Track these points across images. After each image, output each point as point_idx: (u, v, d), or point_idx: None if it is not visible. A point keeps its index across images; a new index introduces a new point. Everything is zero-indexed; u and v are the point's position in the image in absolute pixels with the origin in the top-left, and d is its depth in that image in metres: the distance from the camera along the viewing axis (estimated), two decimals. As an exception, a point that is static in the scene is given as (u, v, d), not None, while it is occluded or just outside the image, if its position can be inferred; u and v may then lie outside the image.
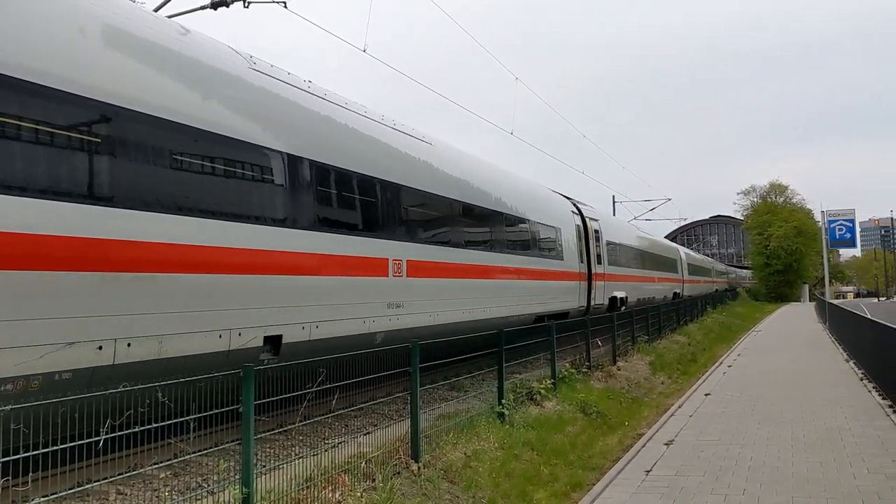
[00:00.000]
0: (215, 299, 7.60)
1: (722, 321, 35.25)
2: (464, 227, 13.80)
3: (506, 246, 15.65)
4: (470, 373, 11.94)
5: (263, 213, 8.50)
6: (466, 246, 13.64)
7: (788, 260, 74.05)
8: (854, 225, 58.34)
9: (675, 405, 12.46)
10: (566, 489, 7.98)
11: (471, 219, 14.15)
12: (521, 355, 12.34)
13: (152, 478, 6.54)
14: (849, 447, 8.85)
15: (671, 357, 20.12)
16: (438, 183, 12.93)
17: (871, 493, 6.91)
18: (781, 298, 73.09)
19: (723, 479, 7.57)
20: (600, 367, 15.21)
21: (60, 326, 6.00)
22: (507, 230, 15.98)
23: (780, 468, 7.95)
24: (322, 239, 9.38)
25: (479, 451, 8.21)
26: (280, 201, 8.82)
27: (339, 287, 9.70)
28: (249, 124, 8.50)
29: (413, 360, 7.79)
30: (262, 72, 9.27)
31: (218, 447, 6.13)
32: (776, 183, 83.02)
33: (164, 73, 7.57)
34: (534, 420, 10.09)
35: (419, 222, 12.27)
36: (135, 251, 6.75)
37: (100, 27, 6.91)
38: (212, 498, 5.53)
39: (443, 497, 6.93)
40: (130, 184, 6.85)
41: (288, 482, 5.90)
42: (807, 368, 17.01)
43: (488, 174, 16.17)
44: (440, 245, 12.61)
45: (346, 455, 6.87)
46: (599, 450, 9.89)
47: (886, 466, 7.88)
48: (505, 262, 15.37)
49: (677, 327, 26.92)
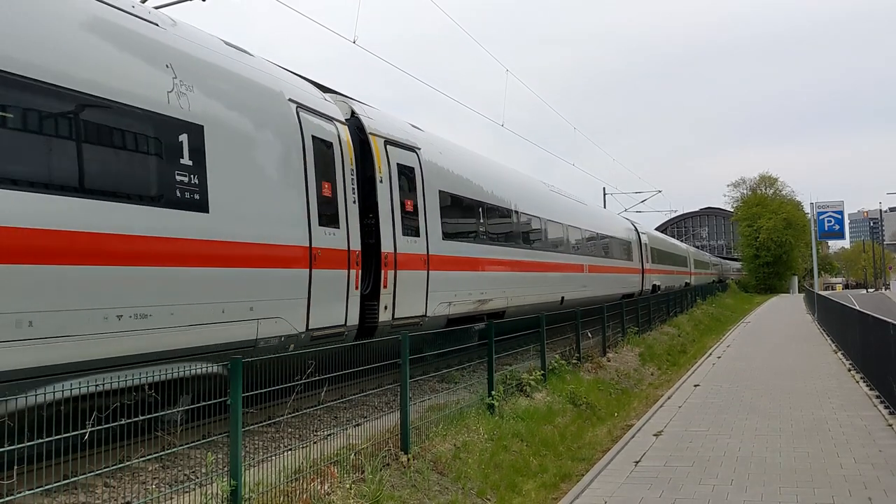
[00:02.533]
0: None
1: (711, 313, 35.39)
2: (602, 246, 25.43)
3: (613, 254, 26.88)
4: (461, 364, 11.96)
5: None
6: (605, 256, 25.62)
7: (778, 252, 74.42)
8: (843, 217, 58.52)
9: (665, 396, 12.51)
10: (555, 480, 8.01)
11: (603, 241, 25.72)
12: (511, 347, 12.38)
13: (140, 470, 6.51)
14: (836, 437, 8.91)
15: (661, 348, 20.20)
16: (597, 226, 25.34)
17: (858, 483, 6.96)
18: (771, 290, 73.49)
19: (711, 470, 7.61)
20: (590, 359, 15.25)
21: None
22: (610, 244, 26.79)
23: (767, 458, 8.00)
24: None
25: (468, 442, 8.21)
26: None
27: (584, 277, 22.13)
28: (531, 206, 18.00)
29: (403, 353, 7.78)
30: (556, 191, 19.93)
31: (206, 440, 6.11)
32: (766, 175, 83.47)
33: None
34: (523, 411, 10.11)
35: (593, 247, 24.04)
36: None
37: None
38: (200, 490, 5.52)
39: (432, 489, 6.94)
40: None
41: (277, 474, 5.89)
42: (795, 360, 17.11)
43: (602, 214, 29.70)
44: (599, 257, 24.53)
45: (336, 447, 6.86)
46: (589, 441, 9.93)
47: (873, 456, 7.94)
48: (612, 264, 26.40)
49: (667, 319, 27.01)
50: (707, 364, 16.89)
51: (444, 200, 12.90)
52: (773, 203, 77.86)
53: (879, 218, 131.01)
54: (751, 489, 6.90)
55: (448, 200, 13.12)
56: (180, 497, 5.44)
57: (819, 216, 57.40)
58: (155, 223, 6.66)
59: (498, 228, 15.75)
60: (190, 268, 7.03)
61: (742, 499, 6.63)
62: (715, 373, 15.27)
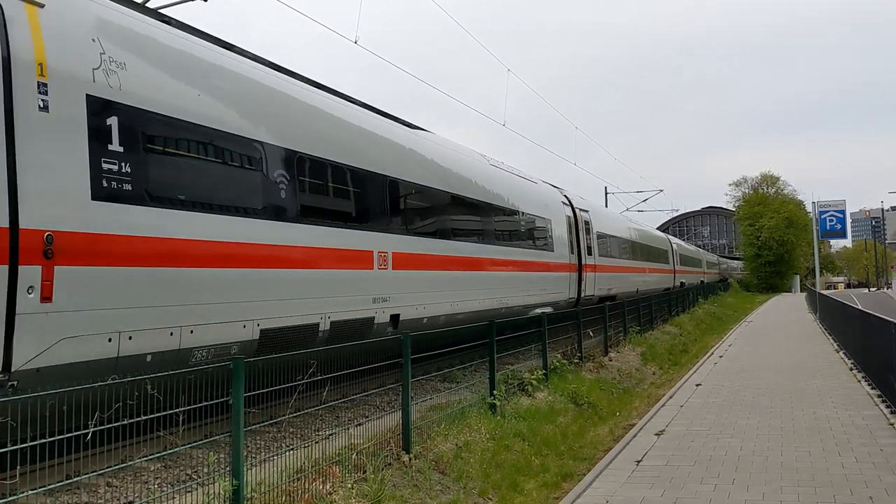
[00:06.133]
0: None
1: (713, 312, 35.39)
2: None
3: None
4: (462, 364, 11.99)
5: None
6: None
7: (779, 251, 74.37)
8: (845, 216, 58.43)
9: (666, 396, 12.51)
10: (557, 479, 8.01)
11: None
12: (512, 346, 12.41)
13: (142, 470, 6.53)
14: (837, 436, 8.91)
15: (662, 348, 20.20)
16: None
17: (859, 482, 6.96)
18: (772, 289, 73.40)
19: (712, 469, 7.61)
20: (592, 359, 15.26)
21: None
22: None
23: (769, 457, 8.00)
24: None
25: (469, 442, 8.22)
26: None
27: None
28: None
29: (405, 352, 7.80)
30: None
31: (208, 439, 6.12)
32: (768, 174, 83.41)
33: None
34: (525, 411, 10.11)
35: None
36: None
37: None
38: (202, 490, 5.53)
39: (433, 488, 6.95)
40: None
41: (278, 474, 5.90)
42: (797, 359, 17.10)
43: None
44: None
45: (337, 447, 6.87)
46: (590, 440, 9.93)
47: (874, 455, 7.93)
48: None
49: (669, 318, 27.00)
50: (709, 363, 16.89)
51: (600, 237, 23.84)
52: (775, 202, 77.80)
53: (881, 217, 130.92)
54: (753, 488, 6.90)
55: (603, 236, 24.37)
56: (182, 497, 5.45)
57: (821, 215, 57.30)
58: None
59: (624, 247, 28.11)
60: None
61: (744, 498, 6.63)
62: (717, 372, 15.26)
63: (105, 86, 6.46)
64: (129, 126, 6.63)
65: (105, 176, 6.32)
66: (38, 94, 5.86)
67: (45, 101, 5.91)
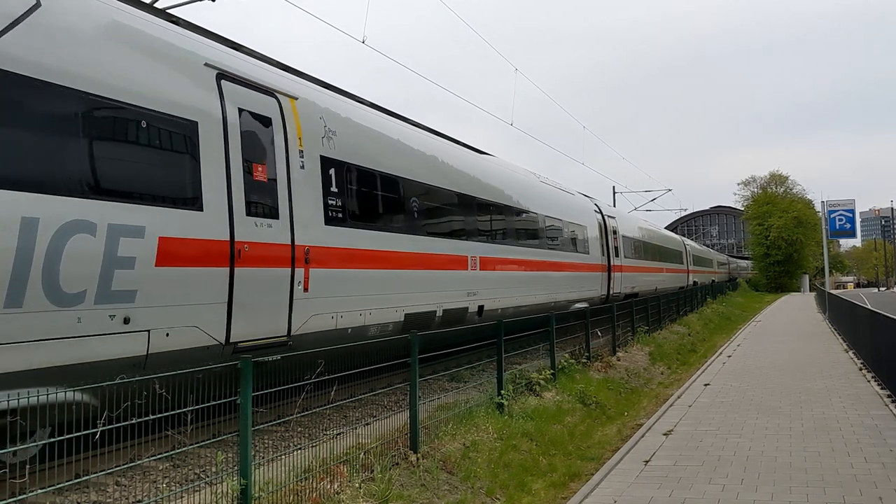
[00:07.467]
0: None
1: (722, 311, 35.27)
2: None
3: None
4: (470, 363, 12.02)
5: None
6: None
7: (788, 250, 74.01)
8: (854, 215, 58.23)
9: (675, 395, 12.48)
10: (564, 479, 8.01)
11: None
12: (520, 346, 12.43)
13: (151, 469, 6.56)
14: (846, 437, 8.87)
15: (670, 347, 20.14)
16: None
17: (868, 483, 6.93)
18: (781, 289, 73.09)
19: (721, 469, 7.59)
20: (599, 358, 15.23)
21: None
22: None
23: (777, 458, 7.97)
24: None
25: (477, 441, 8.22)
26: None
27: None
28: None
29: (413, 351, 7.80)
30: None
31: (216, 438, 6.14)
32: (776, 173, 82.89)
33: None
34: (532, 410, 10.11)
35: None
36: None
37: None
38: (210, 489, 5.55)
39: (441, 488, 6.95)
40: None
41: (286, 473, 5.91)
42: (806, 359, 17.03)
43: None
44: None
45: (345, 446, 6.88)
46: (598, 440, 9.92)
47: (883, 455, 7.90)
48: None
49: (677, 318, 26.93)
50: (717, 363, 16.83)
51: (625, 240, 25.96)
52: (784, 201, 77.42)
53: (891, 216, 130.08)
54: (761, 489, 6.88)
55: (627, 239, 26.54)
56: (191, 496, 5.48)
57: (830, 214, 57.11)
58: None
59: (645, 248, 29.91)
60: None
61: (752, 498, 6.61)
62: (725, 372, 15.21)
63: (328, 148, 9.36)
64: (339, 174, 9.49)
65: (330, 208, 9.17)
66: (299, 158, 8.74)
67: (302, 163, 8.80)
